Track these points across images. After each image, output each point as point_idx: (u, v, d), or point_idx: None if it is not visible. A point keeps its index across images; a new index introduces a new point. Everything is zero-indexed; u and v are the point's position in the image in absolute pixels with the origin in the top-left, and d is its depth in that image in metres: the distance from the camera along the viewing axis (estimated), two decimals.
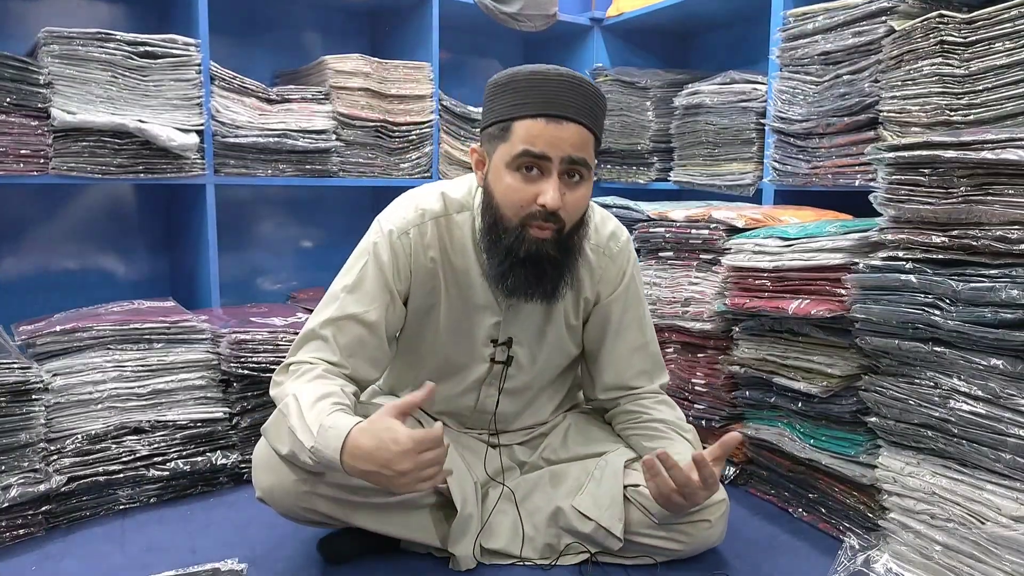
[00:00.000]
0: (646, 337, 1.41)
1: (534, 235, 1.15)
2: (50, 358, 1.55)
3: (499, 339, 1.34)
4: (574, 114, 1.12)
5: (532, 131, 1.12)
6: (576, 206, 1.17)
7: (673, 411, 1.41)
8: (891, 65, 1.62)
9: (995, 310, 1.09)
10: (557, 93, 1.11)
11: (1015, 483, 1.11)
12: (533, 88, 1.12)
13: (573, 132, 1.12)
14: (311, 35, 2.61)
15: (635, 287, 1.39)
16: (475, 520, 1.31)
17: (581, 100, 1.13)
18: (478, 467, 1.39)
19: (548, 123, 1.11)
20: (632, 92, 2.58)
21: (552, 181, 1.13)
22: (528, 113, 1.12)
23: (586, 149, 1.15)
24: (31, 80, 1.75)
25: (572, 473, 1.37)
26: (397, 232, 1.25)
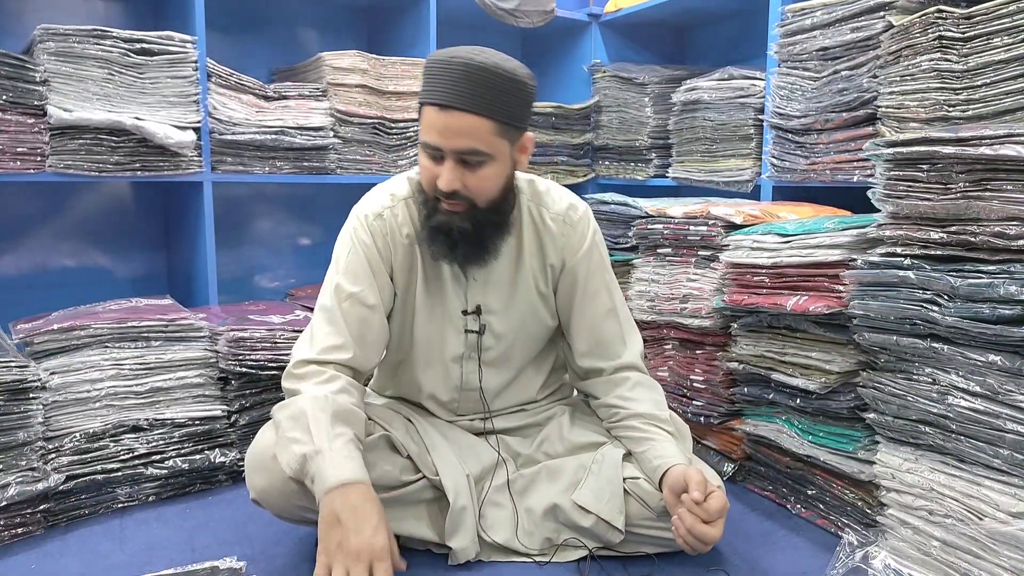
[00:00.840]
0: (615, 302, 1.43)
1: (444, 208, 1.24)
2: (48, 356, 1.55)
3: (468, 309, 1.38)
4: (462, 103, 1.15)
5: (429, 119, 1.18)
6: (479, 187, 1.22)
7: (651, 393, 1.40)
8: (889, 60, 1.62)
9: (993, 306, 1.09)
10: (451, 81, 1.15)
11: (1013, 479, 1.11)
12: (434, 75, 1.18)
13: (461, 121, 1.16)
14: (308, 31, 2.60)
15: (599, 254, 1.42)
16: (470, 512, 1.31)
17: (477, 88, 1.15)
18: (472, 460, 1.39)
19: (440, 112, 1.16)
20: (630, 88, 2.57)
21: (446, 166, 1.19)
22: (427, 100, 1.19)
23: (478, 137, 1.17)
24: (27, 78, 1.75)
25: (569, 467, 1.38)
26: (372, 216, 1.33)
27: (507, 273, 1.39)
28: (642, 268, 1.91)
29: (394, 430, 1.36)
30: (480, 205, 1.24)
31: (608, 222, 2.14)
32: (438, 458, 1.33)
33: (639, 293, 1.89)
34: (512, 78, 1.18)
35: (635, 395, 1.39)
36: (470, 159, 1.19)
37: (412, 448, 1.34)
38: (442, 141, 1.18)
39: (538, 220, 1.38)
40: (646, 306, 1.86)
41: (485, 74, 1.15)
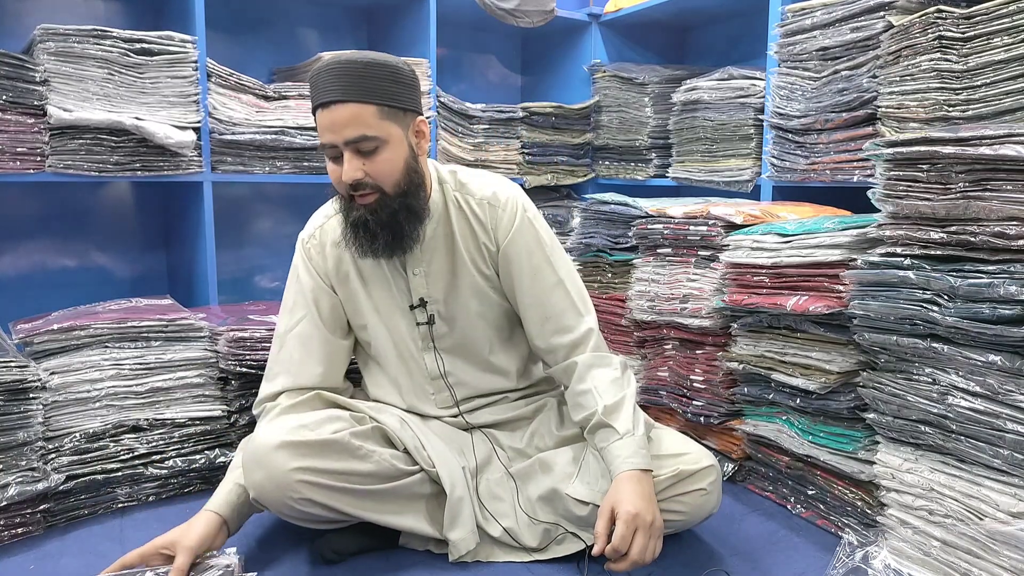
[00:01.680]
0: (559, 275, 1.43)
1: (358, 202, 1.30)
2: (48, 356, 1.55)
3: (413, 303, 1.44)
4: (339, 95, 1.23)
5: (320, 122, 1.26)
6: (380, 171, 1.28)
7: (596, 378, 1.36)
8: (889, 60, 1.62)
9: (993, 306, 1.09)
10: (326, 81, 1.24)
11: (1013, 479, 1.11)
12: (315, 83, 1.26)
13: (344, 112, 1.23)
14: (308, 31, 2.60)
15: (533, 231, 1.43)
16: (467, 502, 1.32)
17: (347, 79, 1.23)
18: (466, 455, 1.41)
19: (324, 111, 1.25)
20: (630, 88, 2.57)
21: (345, 159, 1.26)
22: (313, 105, 1.28)
23: (363, 124, 1.24)
24: (27, 78, 1.75)
25: (562, 459, 1.39)
26: (306, 237, 1.47)
27: (444, 262, 1.43)
28: (642, 268, 1.91)
29: (388, 425, 1.36)
30: (388, 191, 1.29)
31: (608, 222, 2.14)
32: (433, 451, 1.34)
33: (639, 293, 1.89)
34: (383, 63, 1.26)
35: (585, 387, 1.35)
36: (363, 146, 1.25)
37: (408, 441, 1.35)
38: (333, 136, 1.24)
39: (464, 207, 1.43)
40: (646, 306, 1.86)
41: (355, 66, 1.23)
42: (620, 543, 1.16)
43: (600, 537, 1.17)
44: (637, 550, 1.16)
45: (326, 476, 1.22)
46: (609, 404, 1.31)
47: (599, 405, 1.31)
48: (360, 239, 1.32)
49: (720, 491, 1.35)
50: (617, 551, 1.16)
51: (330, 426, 1.27)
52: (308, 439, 1.22)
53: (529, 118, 2.66)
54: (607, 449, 1.28)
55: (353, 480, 1.25)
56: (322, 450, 1.23)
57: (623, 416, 1.30)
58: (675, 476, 1.29)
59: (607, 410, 1.30)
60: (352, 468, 1.25)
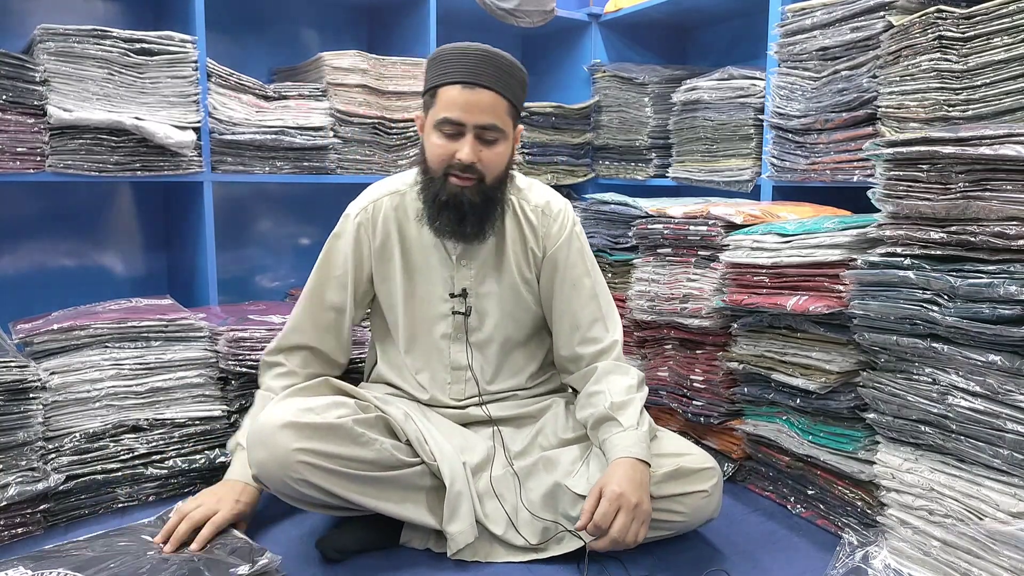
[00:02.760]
0: (595, 289, 1.51)
1: (454, 183, 1.35)
2: (48, 356, 1.55)
3: (454, 292, 1.47)
4: (486, 81, 1.31)
5: (451, 97, 1.31)
6: (492, 161, 1.36)
7: (611, 381, 1.41)
8: (889, 60, 1.62)
9: (993, 306, 1.09)
10: (473, 63, 1.30)
11: (1013, 479, 1.11)
12: (454, 60, 1.31)
13: (485, 97, 1.31)
14: (308, 31, 2.60)
15: (578, 243, 1.51)
16: (466, 497, 1.32)
17: (494, 70, 1.31)
18: (468, 451, 1.41)
19: (464, 89, 1.30)
20: (630, 88, 2.57)
21: (467, 140, 1.32)
22: (448, 81, 1.32)
23: (497, 114, 1.33)
24: (27, 77, 1.75)
25: (565, 458, 1.40)
26: (358, 210, 1.48)
27: (492, 258, 1.49)
28: (642, 268, 1.91)
29: (393, 416, 1.37)
30: (488, 181, 1.36)
31: (608, 222, 2.14)
32: (435, 445, 1.34)
33: (639, 293, 1.89)
34: (519, 67, 1.37)
35: (594, 389, 1.41)
36: (488, 135, 1.33)
37: (411, 433, 1.35)
38: (466, 116, 1.31)
39: (519, 211, 1.49)
40: (646, 306, 1.86)
41: (502, 60, 1.33)
42: (601, 519, 1.19)
43: (585, 513, 1.21)
44: (617, 528, 1.19)
45: (327, 459, 1.24)
46: (617, 401, 1.35)
47: (607, 401, 1.36)
48: (447, 216, 1.37)
49: (720, 496, 1.36)
50: (598, 527, 1.19)
51: (335, 411, 1.28)
52: (312, 421, 1.24)
53: (529, 118, 2.65)
54: (609, 440, 1.31)
55: (353, 466, 1.26)
56: (325, 434, 1.24)
57: (629, 412, 1.34)
58: (676, 472, 1.31)
59: (614, 406, 1.35)
60: (353, 454, 1.26)
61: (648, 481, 1.25)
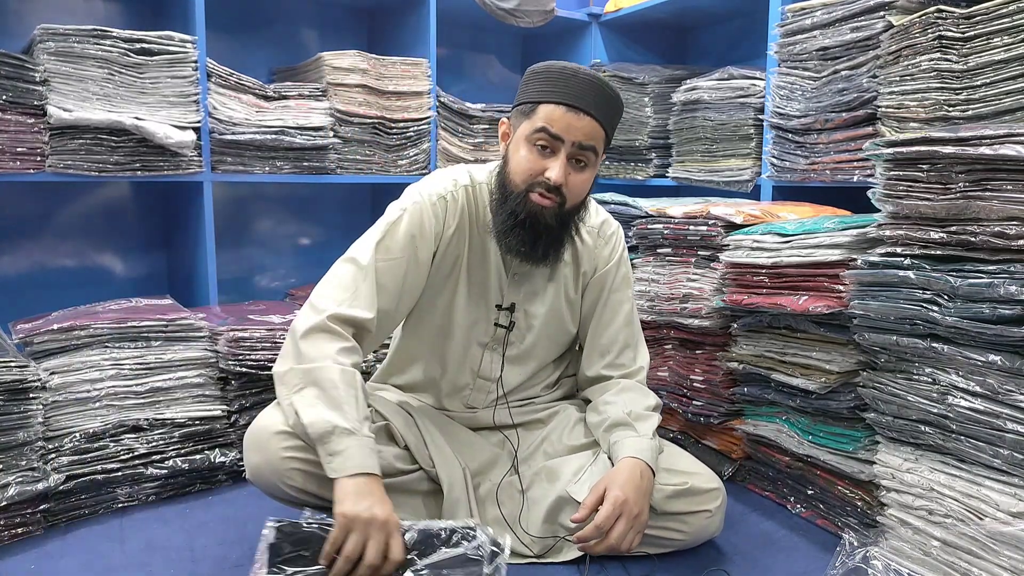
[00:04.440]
0: (631, 316, 1.51)
1: (535, 201, 1.28)
2: (48, 356, 1.55)
3: (503, 304, 1.43)
4: (591, 108, 1.27)
5: (553, 114, 1.26)
6: (578, 186, 1.31)
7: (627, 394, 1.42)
8: (889, 60, 1.62)
9: (993, 306, 1.09)
10: (580, 88, 1.26)
11: (1013, 479, 1.11)
12: (561, 80, 1.27)
13: (587, 123, 1.27)
14: (308, 31, 2.60)
15: (624, 269, 1.51)
16: (463, 505, 1.32)
17: (599, 99, 1.28)
18: (470, 456, 1.40)
19: (567, 111, 1.26)
20: (630, 88, 2.57)
21: (560, 160, 1.27)
22: (552, 100, 1.27)
23: (596, 139, 1.29)
24: (27, 77, 1.75)
25: (567, 469, 1.39)
26: (435, 195, 1.36)
27: (543, 277, 1.46)
28: (642, 268, 1.91)
29: (393, 421, 1.36)
30: (567, 207, 1.31)
31: None
32: (435, 451, 1.34)
33: (639, 293, 1.89)
34: (621, 99, 1.34)
35: (611, 399, 1.43)
36: (583, 156, 1.29)
37: (410, 439, 1.35)
38: (567, 134, 1.26)
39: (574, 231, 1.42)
40: (646, 306, 1.86)
41: (609, 92, 1.30)
42: (603, 522, 1.19)
43: (584, 508, 1.21)
44: (616, 534, 1.19)
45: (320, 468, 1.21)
46: (636, 411, 1.37)
47: (627, 410, 1.36)
48: (520, 235, 1.30)
49: (723, 516, 1.36)
50: (599, 529, 1.19)
51: None
52: None
53: None
54: (620, 442, 1.31)
55: None
56: None
57: (646, 425, 1.35)
58: (685, 490, 1.30)
59: (633, 415, 1.36)
60: None
61: (651, 490, 1.25)
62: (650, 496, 1.25)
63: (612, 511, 1.19)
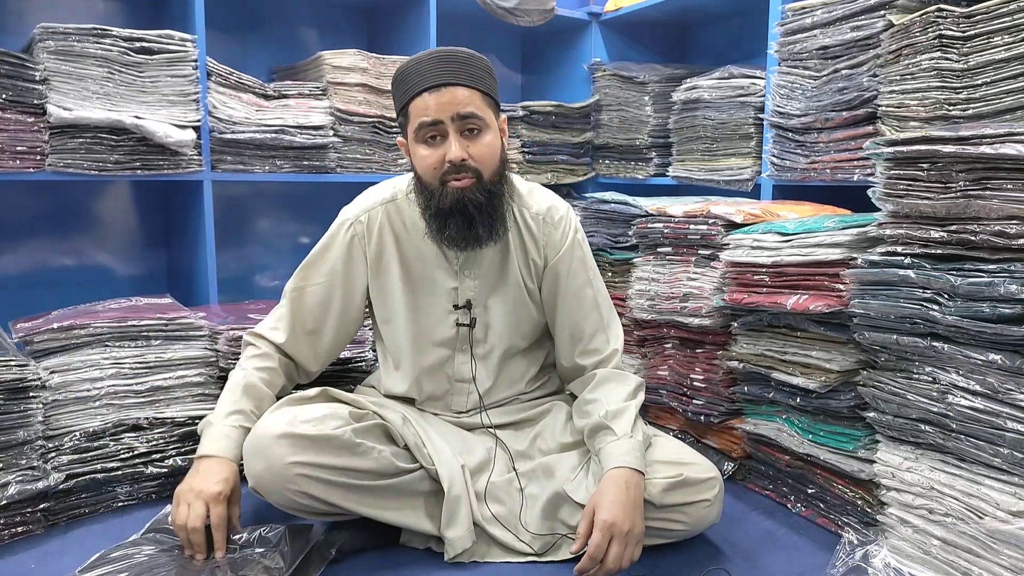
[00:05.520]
0: (597, 299, 1.48)
1: (454, 186, 1.30)
2: (47, 355, 1.55)
3: (458, 303, 1.44)
4: (450, 79, 1.28)
5: (422, 105, 1.28)
6: (484, 153, 1.31)
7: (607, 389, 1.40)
8: (889, 59, 1.62)
9: (993, 305, 1.09)
10: (430, 67, 1.28)
11: (1013, 478, 1.11)
12: (412, 72, 1.30)
13: (454, 93, 1.27)
14: (308, 30, 2.60)
15: (580, 251, 1.48)
16: (464, 501, 1.32)
17: (454, 66, 1.29)
18: (467, 454, 1.40)
19: (431, 94, 1.27)
20: (630, 87, 2.57)
21: (452, 138, 1.28)
22: (412, 92, 1.29)
23: (473, 103, 1.29)
24: (27, 76, 1.75)
25: (564, 465, 1.39)
26: (353, 217, 1.44)
27: (495, 268, 1.46)
28: (642, 267, 1.91)
29: (391, 420, 1.37)
30: (485, 177, 1.32)
31: (608, 221, 2.14)
32: (433, 449, 1.34)
33: (639, 292, 1.89)
34: (480, 56, 1.33)
35: (590, 397, 1.42)
36: (470, 124, 1.29)
37: (409, 438, 1.35)
38: (440, 113, 1.27)
39: (519, 219, 1.45)
40: (646, 305, 1.86)
41: (459, 54, 1.30)
42: (595, 551, 1.19)
43: (580, 537, 1.21)
44: (612, 559, 1.19)
45: (325, 471, 1.23)
46: (612, 410, 1.35)
47: (602, 410, 1.35)
48: (455, 224, 1.32)
49: (722, 503, 1.36)
50: (592, 560, 1.19)
51: (332, 422, 1.27)
52: (309, 433, 1.23)
53: (529, 117, 2.65)
54: (603, 450, 1.30)
55: (351, 476, 1.26)
56: (322, 446, 1.24)
57: (623, 421, 1.33)
58: (681, 482, 1.30)
59: (609, 415, 1.34)
60: (351, 464, 1.26)
61: (641, 494, 1.24)
62: (641, 501, 1.24)
63: (602, 539, 1.18)
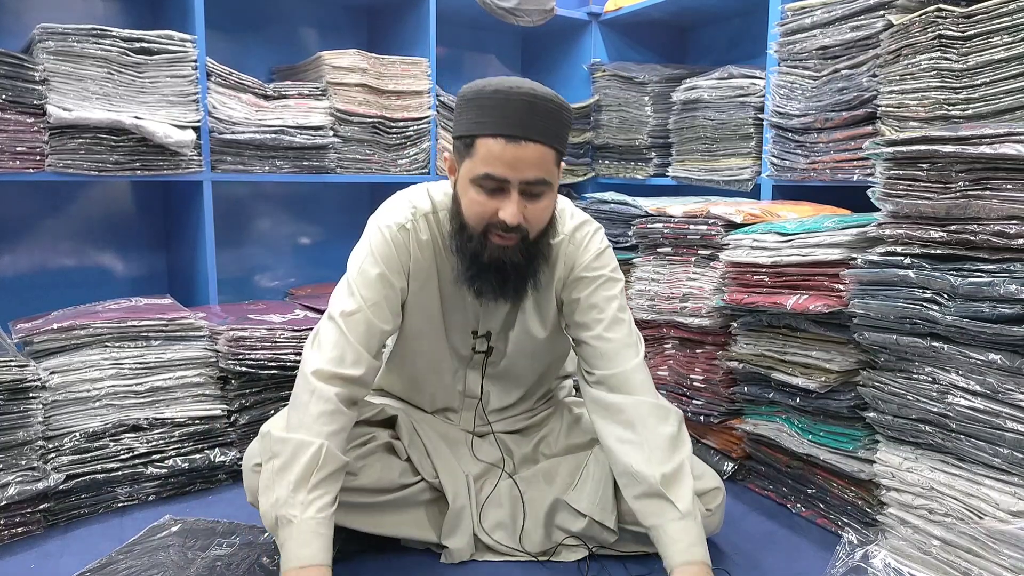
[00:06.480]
0: (622, 315, 1.36)
1: (496, 242, 1.20)
2: (48, 356, 1.55)
3: (479, 331, 1.39)
4: (534, 134, 1.13)
5: (493, 151, 1.14)
6: (537, 217, 1.21)
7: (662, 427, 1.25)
8: (889, 59, 1.62)
9: (993, 305, 1.09)
10: (517, 113, 1.13)
11: (1013, 478, 1.11)
12: (495, 107, 1.14)
13: (532, 152, 1.14)
14: (308, 31, 2.60)
15: (607, 270, 1.37)
16: (467, 512, 1.32)
17: (540, 119, 1.14)
18: (470, 460, 1.41)
19: (508, 143, 1.13)
20: (630, 87, 2.57)
21: (512, 199, 1.16)
22: (489, 132, 1.14)
23: (545, 167, 1.16)
24: (27, 77, 1.75)
25: (564, 468, 1.39)
26: (395, 227, 1.29)
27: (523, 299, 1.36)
28: (642, 267, 1.91)
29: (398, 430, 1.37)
30: (532, 237, 1.22)
31: (608, 221, 2.14)
32: (438, 460, 1.34)
33: (639, 292, 1.89)
34: (567, 107, 1.19)
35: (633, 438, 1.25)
36: (534, 189, 1.17)
37: (413, 452, 1.35)
38: (512, 173, 1.14)
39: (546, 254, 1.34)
40: (646, 305, 1.86)
41: (549, 104, 1.15)
42: None
43: None
44: None
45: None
46: (668, 473, 1.19)
47: (655, 473, 1.19)
48: (487, 279, 1.23)
49: (723, 513, 1.36)
50: None
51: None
52: None
53: None
54: (662, 528, 1.18)
55: (351, 496, 1.25)
56: None
57: (683, 491, 1.19)
58: None
59: (665, 479, 1.19)
60: (351, 485, 1.25)
61: None
62: None
63: None
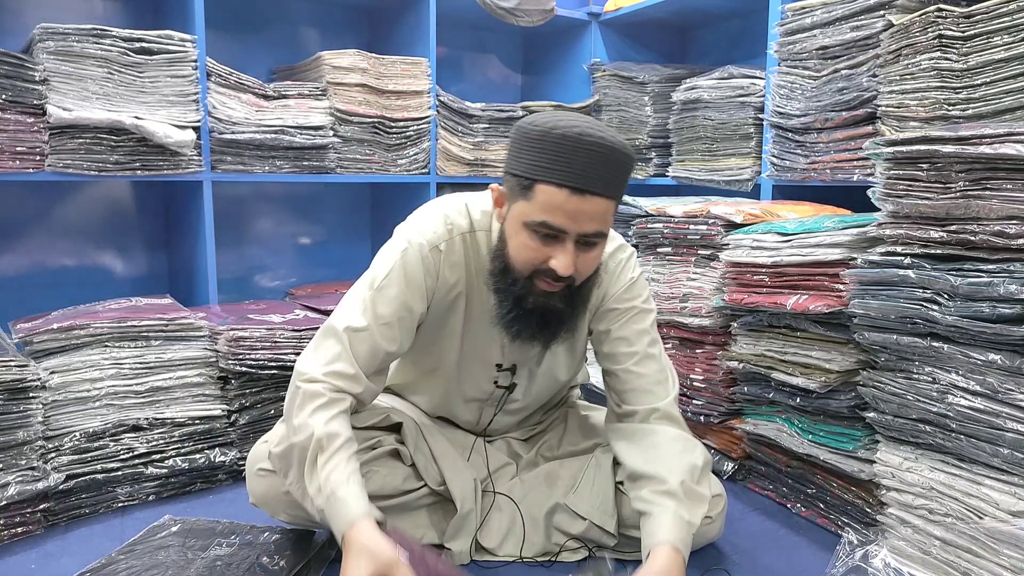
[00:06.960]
0: (655, 348, 1.35)
1: (542, 288, 1.15)
2: (47, 356, 1.55)
3: (504, 364, 1.36)
4: (599, 187, 1.08)
5: (555, 200, 1.08)
6: (588, 267, 1.16)
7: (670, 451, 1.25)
8: (889, 59, 1.62)
9: (993, 305, 1.09)
10: (584, 163, 1.06)
11: (1013, 478, 1.11)
12: (562, 153, 1.07)
13: (594, 205, 1.09)
14: (308, 30, 2.60)
15: (640, 297, 1.34)
16: (473, 516, 1.32)
17: (608, 172, 1.09)
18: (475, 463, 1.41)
19: (572, 195, 1.07)
20: (630, 87, 2.57)
21: (567, 249, 1.10)
22: (553, 181, 1.07)
23: (604, 219, 1.12)
24: (27, 77, 1.75)
25: (566, 472, 1.39)
26: (428, 246, 1.22)
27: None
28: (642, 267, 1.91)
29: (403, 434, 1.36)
30: (577, 284, 1.17)
31: None
32: (446, 465, 1.34)
33: None
34: (632, 157, 1.13)
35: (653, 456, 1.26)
36: (591, 240, 1.12)
37: (419, 458, 1.35)
38: (572, 225, 1.09)
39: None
40: None
41: (617, 156, 1.09)
42: None
43: None
44: None
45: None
46: (686, 482, 1.20)
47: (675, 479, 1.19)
48: (527, 323, 1.18)
49: (724, 521, 1.36)
50: None
51: None
52: None
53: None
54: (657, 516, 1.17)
55: None
56: None
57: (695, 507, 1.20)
58: None
59: (683, 485, 1.19)
60: None
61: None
62: None
63: None
